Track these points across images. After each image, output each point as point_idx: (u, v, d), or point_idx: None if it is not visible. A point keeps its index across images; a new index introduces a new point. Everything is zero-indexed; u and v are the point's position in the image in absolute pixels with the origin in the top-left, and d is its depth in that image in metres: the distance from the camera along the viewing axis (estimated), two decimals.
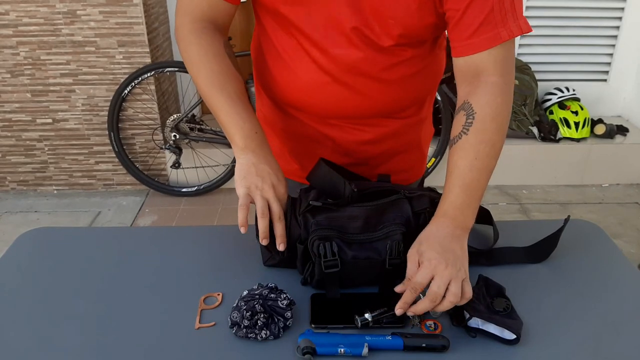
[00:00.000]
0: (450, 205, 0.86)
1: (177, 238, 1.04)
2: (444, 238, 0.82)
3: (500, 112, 0.88)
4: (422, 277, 0.79)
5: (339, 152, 1.06)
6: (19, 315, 0.85)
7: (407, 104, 1.03)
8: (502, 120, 0.88)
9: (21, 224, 2.73)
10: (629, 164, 3.10)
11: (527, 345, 0.78)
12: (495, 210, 2.87)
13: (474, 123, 0.87)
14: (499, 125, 0.88)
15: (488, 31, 0.85)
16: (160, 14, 2.92)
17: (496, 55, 0.87)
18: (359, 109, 0.99)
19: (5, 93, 2.79)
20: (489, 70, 0.88)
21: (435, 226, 0.85)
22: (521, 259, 0.97)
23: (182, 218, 2.80)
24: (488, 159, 0.87)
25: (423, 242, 0.83)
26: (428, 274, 0.79)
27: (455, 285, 0.78)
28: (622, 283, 0.93)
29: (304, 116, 1.03)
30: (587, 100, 3.19)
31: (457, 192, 0.86)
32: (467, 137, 0.87)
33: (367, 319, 0.80)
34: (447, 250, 0.80)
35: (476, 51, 0.87)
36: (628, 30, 3.16)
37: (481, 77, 0.88)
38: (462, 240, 0.84)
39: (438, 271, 0.78)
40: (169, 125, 2.79)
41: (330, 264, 0.83)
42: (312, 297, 0.87)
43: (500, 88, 0.88)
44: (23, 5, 2.60)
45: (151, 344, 0.79)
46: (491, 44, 0.86)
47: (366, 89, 0.96)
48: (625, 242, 2.60)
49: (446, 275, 0.78)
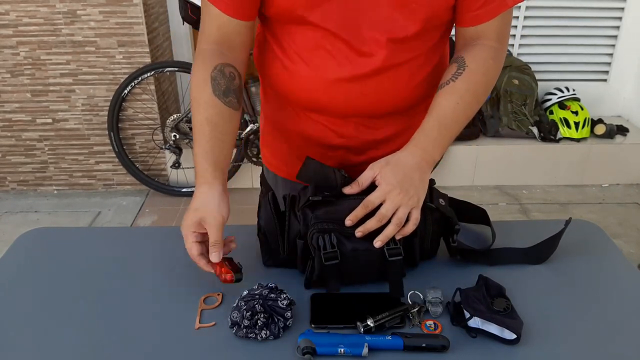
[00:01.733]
0: (424, 137, 0.91)
1: (177, 238, 1.04)
2: (409, 167, 0.87)
3: (490, 71, 0.95)
4: (375, 197, 0.85)
5: (352, 152, 1.06)
6: (19, 315, 0.85)
7: (421, 99, 1.03)
8: (490, 78, 0.96)
9: (21, 224, 2.73)
10: (629, 164, 3.10)
11: (527, 345, 0.78)
12: (495, 210, 2.87)
13: (463, 73, 0.93)
14: (487, 81, 0.95)
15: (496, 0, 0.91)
16: (160, 14, 2.92)
17: (496, 23, 0.93)
18: (379, 105, 0.99)
19: (5, 93, 2.79)
20: (488, 35, 0.95)
21: (404, 153, 0.90)
22: (521, 260, 0.97)
23: (182, 218, 2.79)
24: (469, 106, 0.93)
25: (389, 163, 0.88)
26: (381, 196, 0.84)
27: (401, 210, 0.84)
28: (622, 283, 0.93)
29: (319, 117, 1.02)
30: (587, 100, 3.19)
31: (433, 126, 0.91)
32: (455, 83, 0.92)
33: (369, 325, 0.79)
34: (406, 178, 0.86)
35: (486, 19, 0.93)
36: (628, 30, 3.16)
37: (479, 40, 0.95)
38: (423, 171, 0.88)
39: (390, 196, 0.84)
40: (169, 125, 2.79)
41: (329, 255, 0.84)
42: (312, 297, 0.87)
43: (495, 51, 0.95)
44: (23, 5, 2.60)
45: (151, 343, 0.79)
46: (499, 11, 0.92)
47: (387, 85, 0.96)
48: (625, 242, 2.60)
49: (397, 201, 0.84)
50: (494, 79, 0.97)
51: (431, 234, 0.93)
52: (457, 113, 0.92)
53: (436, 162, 0.92)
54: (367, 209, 0.85)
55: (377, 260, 0.86)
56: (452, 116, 0.92)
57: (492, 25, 0.94)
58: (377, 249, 0.84)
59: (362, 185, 0.87)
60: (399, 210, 0.84)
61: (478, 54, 0.94)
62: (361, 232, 0.84)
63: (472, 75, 0.93)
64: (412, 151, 0.90)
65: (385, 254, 0.84)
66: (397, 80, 0.96)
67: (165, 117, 2.84)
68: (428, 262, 0.96)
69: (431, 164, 0.91)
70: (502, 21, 0.94)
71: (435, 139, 0.91)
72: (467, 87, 0.92)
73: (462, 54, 0.95)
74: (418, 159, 0.89)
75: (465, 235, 1.01)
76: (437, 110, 0.92)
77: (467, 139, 3.05)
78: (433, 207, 0.90)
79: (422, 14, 0.90)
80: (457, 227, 0.92)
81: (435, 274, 0.94)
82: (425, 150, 0.90)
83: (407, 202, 0.84)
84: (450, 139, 0.93)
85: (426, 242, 0.93)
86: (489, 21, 0.93)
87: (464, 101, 0.92)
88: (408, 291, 0.87)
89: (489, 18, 0.93)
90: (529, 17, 3.13)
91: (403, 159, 0.89)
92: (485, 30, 0.94)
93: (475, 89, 0.93)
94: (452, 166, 3.06)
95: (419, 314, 0.83)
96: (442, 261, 0.97)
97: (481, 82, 0.94)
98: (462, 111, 0.93)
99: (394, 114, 1.03)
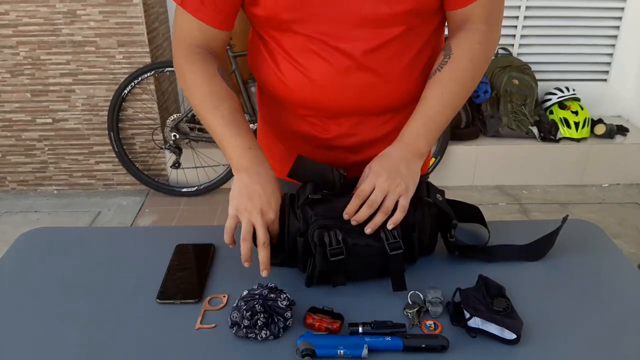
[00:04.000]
0: (409, 133, 0.94)
1: (177, 238, 1.04)
2: (395, 159, 0.91)
3: (477, 55, 0.95)
4: (366, 185, 0.88)
5: (349, 151, 1.06)
6: (19, 315, 0.85)
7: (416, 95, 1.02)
8: (477, 63, 0.95)
9: (21, 224, 2.73)
10: (629, 164, 3.10)
11: (527, 345, 0.78)
12: (495, 210, 2.87)
13: (449, 62, 0.93)
14: (474, 67, 0.95)
15: None
16: (160, 14, 2.92)
17: (484, 5, 0.93)
18: (372, 103, 0.99)
19: (5, 93, 2.79)
20: (475, 18, 0.94)
21: (391, 148, 0.94)
22: (518, 257, 0.97)
23: (182, 218, 2.80)
24: (455, 96, 0.94)
25: (376, 159, 0.92)
26: (371, 184, 0.88)
27: (389, 198, 0.87)
28: (622, 283, 0.93)
29: (314, 117, 1.03)
30: (587, 100, 3.19)
31: (417, 121, 0.94)
32: (441, 73, 0.94)
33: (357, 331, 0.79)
34: (392, 168, 0.89)
35: (473, 0, 0.92)
36: (628, 30, 3.16)
37: (466, 24, 0.95)
38: (410, 162, 0.92)
39: (378, 183, 0.87)
40: (169, 125, 2.79)
41: (335, 251, 0.84)
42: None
43: (482, 34, 0.95)
44: (23, 5, 2.60)
45: (151, 343, 0.79)
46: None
47: (379, 82, 0.96)
48: (625, 242, 2.60)
49: (384, 187, 0.87)
50: (482, 64, 0.96)
51: (429, 229, 0.93)
52: (443, 104, 0.94)
53: (423, 154, 0.95)
54: (360, 200, 0.87)
55: (377, 255, 0.86)
56: (437, 107, 0.94)
57: (479, 5, 0.93)
58: (378, 244, 0.85)
59: (360, 188, 0.89)
60: (387, 197, 0.87)
61: (463, 41, 0.94)
62: (355, 221, 0.86)
63: (457, 63, 0.93)
64: (397, 145, 0.94)
65: (386, 248, 0.85)
66: (390, 77, 0.96)
67: (165, 117, 2.85)
68: (427, 262, 0.96)
69: (417, 155, 0.94)
70: (490, 3, 0.93)
71: (418, 133, 0.94)
72: (451, 77, 0.93)
73: (450, 42, 0.95)
74: (403, 152, 0.92)
75: (461, 234, 1.01)
76: (422, 102, 0.95)
77: (467, 139, 3.05)
78: (430, 201, 0.91)
79: (408, 4, 0.90)
80: (455, 222, 0.92)
81: (435, 274, 0.94)
82: (410, 144, 0.93)
83: (394, 188, 0.87)
84: (438, 129, 0.95)
85: (424, 236, 0.94)
86: (475, 1, 0.92)
87: (449, 90, 0.93)
88: (408, 291, 0.87)
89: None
90: (529, 17, 3.13)
91: (389, 152, 0.93)
92: (472, 12, 0.93)
93: (460, 77, 0.94)
94: (452, 166, 3.06)
95: (419, 314, 0.83)
96: (442, 260, 0.97)
97: (467, 68, 0.94)
98: (448, 101, 0.94)
99: (389, 112, 1.03)
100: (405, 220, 0.88)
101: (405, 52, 0.95)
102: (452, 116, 0.95)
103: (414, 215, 0.90)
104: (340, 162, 1.05)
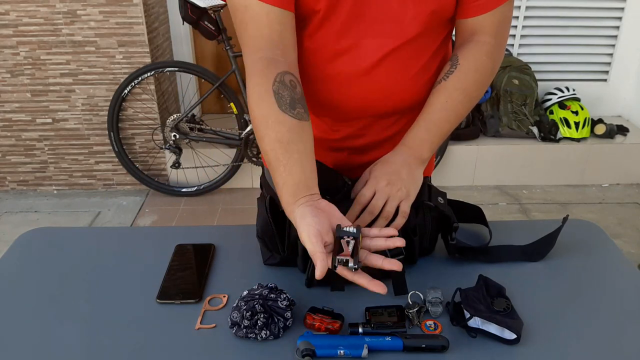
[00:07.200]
0: (412, 138, 0.94)
1: (177, 238, 1.04)
2: (396, 163, 0.90)
3: (484, 67, 0.95)
4: (366, 190, 0.87)
5: (356, 152, 1.06)
6: (19, 315, 0.85)
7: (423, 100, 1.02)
8: (483, 74, 0.95)
9: (21, 224, 2.73)
10: (629, 164, 3.10)
11: (527, 345, 0.78)
12: (495, 210, 2.87)
13: (455, 72, 0.94)
14: (479, 79, 0.95)
15: None
16: (160, 14, 2.92)
17: (493, 17, 0.93)
18: (381, 105, 0.98)
19: (5, 93, 2.79)
20: (484, 30, 0.94)
21: (393, 154, 0.93)
22: (519, 258, 0.97)
23: (182, 218, 2.80)
24: (460, 105, 0.94)
25: (377, 163, 0.92)
26: (371, 189, 0.87)
27: (390, 203, 0.86)
28: (622, 283, 0.93)
29: (322, 118, 1.02)
30: (587, 100, 3.19)
31: (420, 127, 0.94)
32: (446, 82, 0.94)
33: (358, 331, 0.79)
34: (393, 172, 0.89)
35: (487, 10, 0.92)
36: (628, 30, 3.16)
37: (475, 36, 0.95)
38: (411, 167, 0.91)
39: (379, 188, 0.87)
40: (169, 125, 2.79)
41: None
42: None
43: (489, 47, 0.95)
44: (23, 5, 2.60)
45: (151, 343, 0.79)
46: (499, 2, 0.92)
47: (390, 84, 0.96)
48: (625, 242, 2.60)
49: (385, 192, 0.86)
50: (488, 76, 0.96)
51: (430, 232, 0.93)
52: (447, 112, 0.93)
53: (425, 160, 0.94)
54: (361, 206, 0.86)
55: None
56: (440, 115, 0.93)
57: (490, 19, 0.93)
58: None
59: (361, 193, 0.88)
60: (388, 203, 0.86)
61: (471, 52, 0.94)
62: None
63: (463, 73, 0.93)
64: (399, 150, 0.93)
65: (387, 253, 0.84)
66: (404, 80, 0.96)
67: (165, 117, 2.85)
68: (427, 262, 0.96)
69: (420, 160, 0.93)
70: (500, 16, 0.94)
71: (421, 139, 0.93)
72: (456, 86, 0.93)
73: (457, 53, 0.95)
74: (405, 157, 0.91)
75: (463, 234, 1.02)
76: (426, 109, 0.94)
77: (467, 139, 3.05)
78: (432, 205, 0.91)
79: (431, 4, 0.90)
80: (456, 225, 0.92)
81: (435, 274, 0.94)
82: (413, 148, 0.92)
83: (395, 193, 0.86)
84: (441, 136, 0.94)
85: (425, 239, 0.94)
86: (487, 13, 0.92)
87: (453, 99, 0.93)
88: (408, 291, 0.87)
89: (489, 9, 0.92)
90: (529, 17, 3.13)
91: (390, 157, 0.92)
92: (482, 24, 0.94)
93: (466, 87, 0.94)
94: (452, 166, 3.06)
95: (419, 314, 0.83)
96: (442, 260, 0.97)
97: (473, 79, 0.94)
98: (452, 109, 0.93)
99: (396, 114, 1.03)
100: (406, 224, 0.87)
101: (420, 55, 0.95)
102: (455, 124, 0.95)
103: (415, 218, 0.90)
104: (344, 164, 1.05)
